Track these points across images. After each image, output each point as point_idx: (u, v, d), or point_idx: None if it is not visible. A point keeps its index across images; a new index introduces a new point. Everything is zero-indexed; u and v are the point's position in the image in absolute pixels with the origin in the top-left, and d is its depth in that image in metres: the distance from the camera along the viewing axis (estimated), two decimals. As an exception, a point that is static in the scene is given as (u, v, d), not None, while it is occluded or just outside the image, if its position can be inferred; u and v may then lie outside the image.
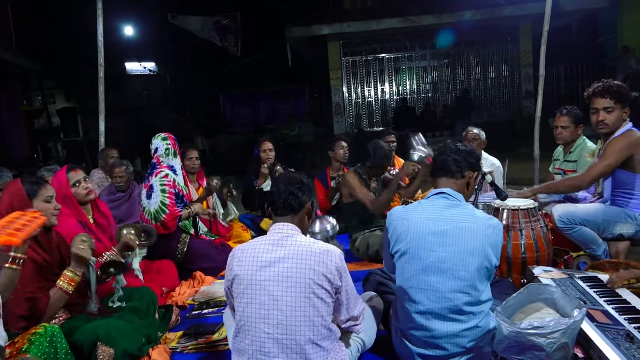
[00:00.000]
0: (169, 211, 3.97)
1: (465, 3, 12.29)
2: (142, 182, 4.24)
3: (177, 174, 4.12)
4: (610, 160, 3.22)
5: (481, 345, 2.21)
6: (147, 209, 4.00)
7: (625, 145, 3.20)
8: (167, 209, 3.96)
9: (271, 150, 5.32)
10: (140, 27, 21.96)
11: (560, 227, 3.30)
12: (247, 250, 2.12)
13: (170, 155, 4.13)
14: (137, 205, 4.41)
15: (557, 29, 11.64)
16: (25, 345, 2.06)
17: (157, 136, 4.22)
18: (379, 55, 14.55)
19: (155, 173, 4.06)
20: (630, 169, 3.24)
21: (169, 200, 3.98)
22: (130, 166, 4.72)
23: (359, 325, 2.28)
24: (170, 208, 3.97)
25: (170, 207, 3.98)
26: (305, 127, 15.31)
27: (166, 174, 4.04)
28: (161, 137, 4.18)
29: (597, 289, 2.62)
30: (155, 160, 4.13)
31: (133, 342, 2.50)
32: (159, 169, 4.07)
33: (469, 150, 2.43)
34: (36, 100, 20.42)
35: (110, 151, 5.31)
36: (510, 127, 13.27)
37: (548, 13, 5.71)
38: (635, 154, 3.19)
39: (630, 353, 1.98)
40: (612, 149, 3.24)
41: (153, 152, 4.17)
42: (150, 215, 3.98)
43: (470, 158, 2.41)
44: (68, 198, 3.11)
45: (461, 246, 2.18)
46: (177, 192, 4.05)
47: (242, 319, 2.07)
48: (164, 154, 4.12)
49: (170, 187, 4.01)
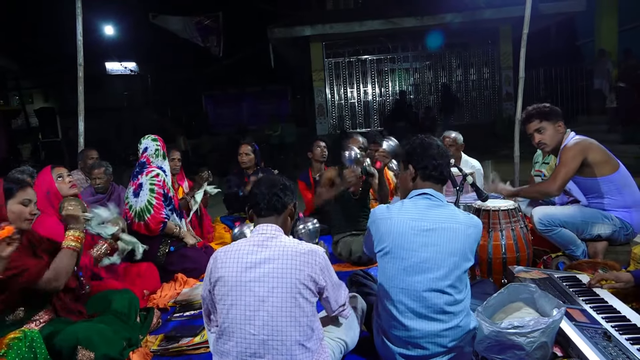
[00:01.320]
0: (154, 212, 3.95)
1: (447, 6, 12.41)
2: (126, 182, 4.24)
3: (166, 175, 4.15)
4: (568, 167, 3.31)
5: (462, 345, 2.23)
6: (133, 207, 3.99)
7: (579, 151, 3.31)
8: (152, 210, 3.95)
9: (247, 154, 5.29)
10: (121, 27, 21.68)
11: (540, 230, 3.36)
12: (230, 252, 2.10)
13: (160, 157, 4.17)
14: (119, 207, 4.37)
15: (536, 32, 11.84)
16: (3, 350, 2.02)
17: (146, 137, 4.25)
18: (362, 56, 14.59)
19: (146, 172, 4.06)
20: (591, 174, 3.34)
21: (155, 201, 3.97)
22: (109, 167, 4.66)
23: (346, 309, 2.30)
24: (155, 209, 3.96)
25: (156, 207, 3.96)
26: (288, 128, 15.26)
27: (157, 174, 4.06)
28: (151, 138, 4.22)
29: (576, 289, 2.67)
30: (145, 159, 4.14)
31: (114, 345, 2.47)
32: (149, 168, 4.08)
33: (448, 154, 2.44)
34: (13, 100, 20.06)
35: (89, 152, 5.23)
36: (491, 128, 13.43)
37: (527, 16, 5.78)
38: (587, 157, 3.29)
39: (607, 351, 2.02)
40: (566, 155, 3.34)
41: (142, 151, 4.18)
42: (135, 213, 3.96)
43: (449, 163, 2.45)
44: (52, 193, 3.10)
45: (443, 246, 2.20)
46: (165, 193, 4.06)
47: (225, 321, 2.05)
48: (153, 154, 4.15)
49: (159, 188, 4.02)
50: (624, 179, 3.36)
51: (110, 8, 19.18)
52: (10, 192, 2.47)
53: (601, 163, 3.32)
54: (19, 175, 3.98)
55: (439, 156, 2.35)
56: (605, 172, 3.32)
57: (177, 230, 4.17)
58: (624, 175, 3.37)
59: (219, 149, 15.73)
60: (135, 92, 24.77)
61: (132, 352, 2.63)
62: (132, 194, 4.03)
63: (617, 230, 3.33)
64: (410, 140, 2.47)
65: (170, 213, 4.14)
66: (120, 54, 22.03)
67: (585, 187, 3.45)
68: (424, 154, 2.36)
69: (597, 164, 3.31)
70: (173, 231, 4.12)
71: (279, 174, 2.49)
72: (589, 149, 3.32)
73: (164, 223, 4.01)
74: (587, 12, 12.68)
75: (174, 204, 4.23)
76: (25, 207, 2.49)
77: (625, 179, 3.37)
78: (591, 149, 3.32)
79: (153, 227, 3.96)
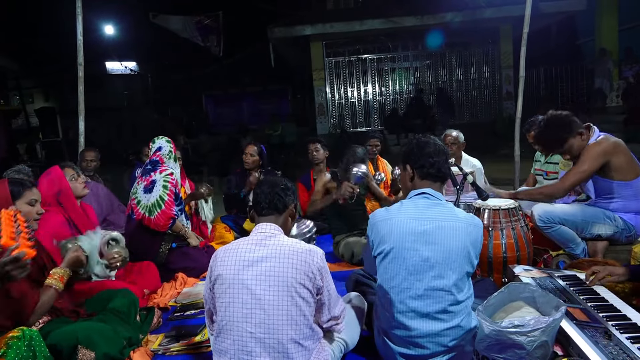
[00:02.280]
0: (165, 207, 3.96)
1: (447, 5, 12.42)
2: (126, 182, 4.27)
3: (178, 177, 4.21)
4: (586, 166, 3.23)
5: (463, 344, 2.22)
6: (143, 203, 3.99)
7: (601, 153, 3.20)
8: (163, 205, 3.96)
9: (252, 155, 5.22)
10: (121, 26, 21.66)
11: (540, 226, 3.35)
12: (229, 251, 2.12)
13: (172, 159, 4.23)
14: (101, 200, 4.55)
15: (537, 31, 11.83)
16: (2, 349, 2.01)
17: (160, 137, 4.32)
18: (362, 56, 14.60)
19: (160, 170, 4.09)
20: (608, 176, 3.25)
21: (167, 197, 3.99)
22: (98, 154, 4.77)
23: (340, 324, 2.29)
24: (167, 205, 3.97)
25: (167, 203, 3.98)
26: (288, 128, 15.26)
27: (172, 172, 4.11)
28: (165, 139, 4.29)
29: (576, 288, 2.67)
30: (158, 158, 4.18)
31: (114, 344, 2.46)
32: (163, 167, 4.12)
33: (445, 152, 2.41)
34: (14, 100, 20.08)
35: (89, 152, 5.22)
36: (491, 127, 13.43)
37: (528, 15, 5.78)
38: (610, 161, 3.20)
39: (608, 350, 2.02)
40: (588, 155, 3.23)
41: (155, 150, 4.23)
42: (145, 209, 3.97)
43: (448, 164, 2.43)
44: (64, 192, 3.09)
45: (444, 245, 2.19)
46: (177, 193, 4.10)
47: (223, 318, 2.05)
48: (167, 155, 4.20)
49: (172, 186, 4.06)
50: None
51: (111, 7, 19.17)
52: (17, 193, 2.48)
53: (624, 168, 3.20)
54: (16, 175, 3.99)
55: (435, 154, 2.33)
56: (626, 178, 3.21)
57: (184, 230, 4.22)
58: None
59: (219, 148, 15.72)
60: (135, 92, 24.80)
61: (133, 352, 2.62)
62: (143, 190, 4.03)
63: (618, 232, 3.29)
64: (408, 141, 2.47)
65: (180, 213, 4.17)
66: (120, 54, 22.03)
67: (600, 186, 3.35)
68: (420, 153, 2.35)
69: (618, 169, 3.20)
70: (180, 230, 4.17)
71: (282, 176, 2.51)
72: (614, 153, 3.19)
73: (173, 219, 4.03)
74: (588, 11, 12.69)
75: (183, 205, 4.27)
76: (32, 207, 2.53)
77: None
78: (616, 153, 3.19)
79: (163, 222, 3.96)
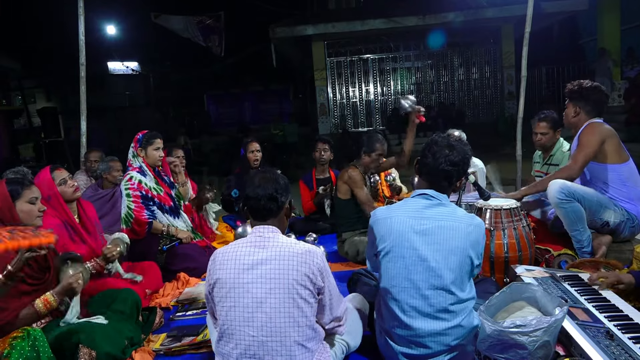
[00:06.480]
0: (135, 215, 3.93)
1: (449, 5, 12.40)
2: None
3: (144, 175, 4.06)
4: (588, 148, 3.33)
5: (464, 344, 2.22)
6: (122, 215, 3.99)
7: (600, 132, 3.34)
8: (133, 214, 3.93)
9: (259, 151, 5.21)
10: (123, 26, 21.71)
11: (558, 199, 3.26)
12: (228, 254, 2.09)
13: (135, 157, 4.10)
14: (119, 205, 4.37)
15: (538, 31, 11.83)
16: (6, 350, 2.02)
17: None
18: (364, 55, 14.60)
19: (123, 177, 4.06)
20: (602, 160, 3.36)
21: (134, 205, 3.94)
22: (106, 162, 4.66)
23: (342, 326, 2.28)
24: (136, 212, 3.93)
25: (136, 211, 3.93)
26: (290, 128, 15.29)
27: (130, 177, 4.00)
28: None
29: (578, 288, 2.66)
30: (128, 163, 4.13)
31: (116, 344, 2.47)
32: (126, 173, 4.06)
33: (463, 159, 2.33)
34: (16, 100, 20.10)
35: (94, 153, 5.21)
36: (493, 127, 13.43)
37: (530, 15, 5.78)
38: (605, 143, 3.33)
39: (610, 350, 2.02)
40: (587, 138, 3.36)
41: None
42: (122, 221, 3.97)
43: (464, 167, 2.36)
44: (54, 197, 3.06)
45: (443, 245, 2.19)
46: (143, 194, 3.99)
47: (225, 322, 2.04)
48: (131, 157, 4.11)
49: (134, 190, 3.96)
50: (631, 171, 3.39)
51: (112, 8, 19.23)
52: (16, 193, 2.48)
53: (614, 152, 3.34)
54: (13, 175, 3.98)
55: (432, 154, 2.32)
56: (615, 161, 3.35)
57: (166, 229, 4.09)
58: (631, 168, 3.39)
59: (220, 148, 15.74)
60: (137, 92, 24.80)
61: (135, 351, 2.63)
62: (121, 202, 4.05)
63: (624, 221, 3.34)
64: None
65: (157, 211, 4.07)
66: (122, 54, 22.07)
67: (594, 173, 3.45)
68: (423, 153, 2.37)
69: (610, 152, 3.34)
70: (161, 230, 4.06)
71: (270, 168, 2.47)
72: (608, 136, 3.35)
73: (148, 224, 3.98)
74: (590, 10, 12.67)
75: (163, 201, 4.12)
76: (33, 205, 2.53)
77: (632, 171, 3.39)
78: (609, 136, 3.35)
79: (138, 230, 3.94)
